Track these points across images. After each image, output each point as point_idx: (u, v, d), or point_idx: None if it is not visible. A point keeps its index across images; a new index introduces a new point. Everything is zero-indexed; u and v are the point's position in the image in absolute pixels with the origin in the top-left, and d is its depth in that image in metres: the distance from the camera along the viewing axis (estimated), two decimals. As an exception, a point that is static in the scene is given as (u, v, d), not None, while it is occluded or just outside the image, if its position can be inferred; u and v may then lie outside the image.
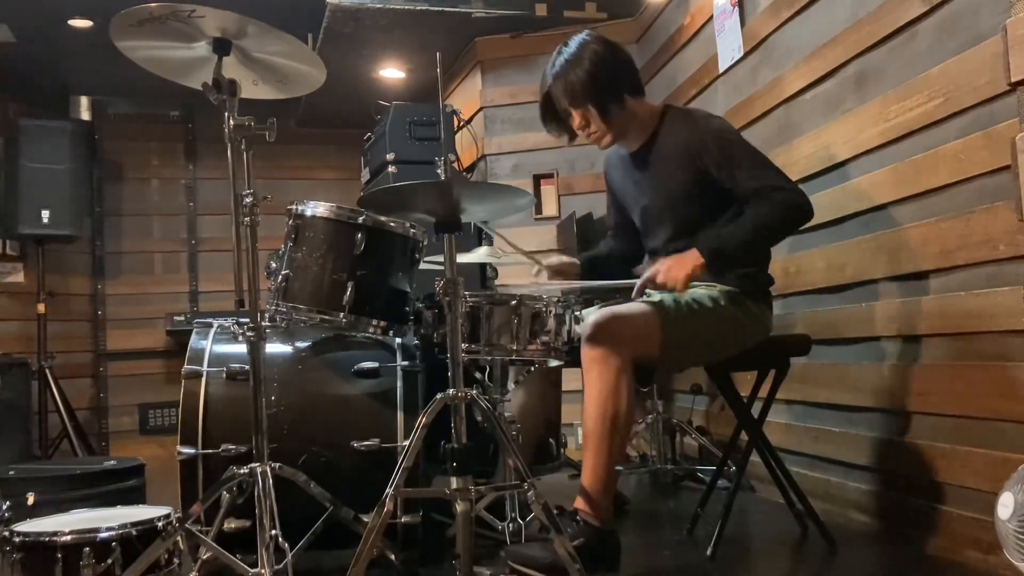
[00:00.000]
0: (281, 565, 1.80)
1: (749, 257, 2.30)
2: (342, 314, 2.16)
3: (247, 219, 1.92)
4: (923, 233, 2.27)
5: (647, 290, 2.39)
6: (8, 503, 1.99)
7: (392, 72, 4.91)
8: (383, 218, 2.21)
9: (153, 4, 1.84)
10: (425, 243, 2.33)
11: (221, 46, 1.96)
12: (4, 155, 4.69)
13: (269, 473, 1.85)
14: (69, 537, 1.81)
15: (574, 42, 2.34)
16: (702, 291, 2.26)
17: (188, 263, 5.80)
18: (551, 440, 2.74)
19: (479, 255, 2.60)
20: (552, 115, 2.41)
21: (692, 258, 2.15)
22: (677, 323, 2.18)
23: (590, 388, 2.10)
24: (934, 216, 2.23)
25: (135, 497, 2.66)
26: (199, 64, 2.01)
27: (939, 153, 2.19)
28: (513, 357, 2.17)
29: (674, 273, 2.13)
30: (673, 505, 3.11)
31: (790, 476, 2.42)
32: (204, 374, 2.19)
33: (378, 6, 3.99)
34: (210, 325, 2.32)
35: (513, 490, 2.11)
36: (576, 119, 2.35)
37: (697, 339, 2.22)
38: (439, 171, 2.27)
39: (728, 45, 3.33)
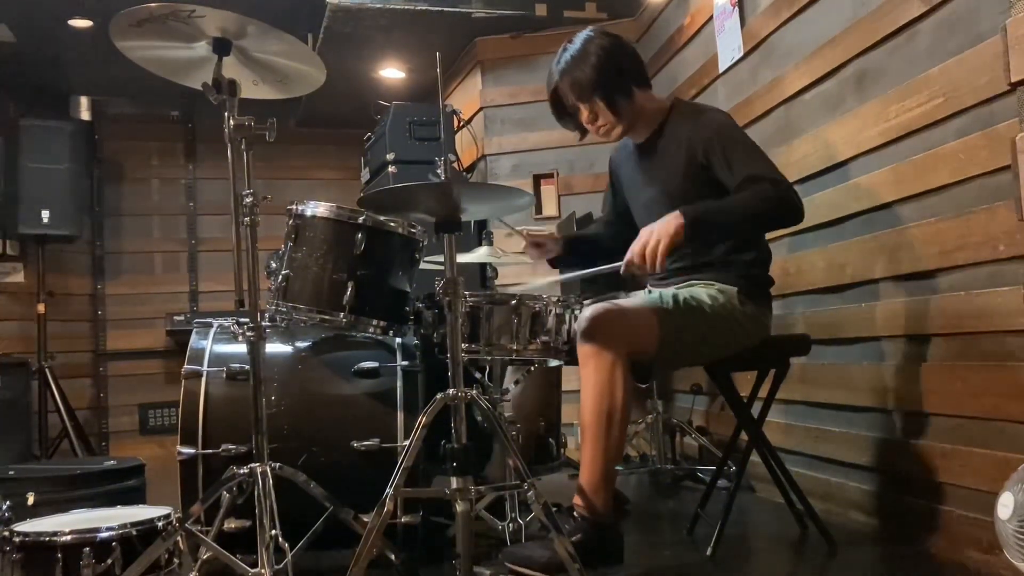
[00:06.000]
0: (281, 565, 1.80)
1: (729, 235, 2.27)
2: (342, 314, 2.16)
3: (247, 219, 1.93)
4: (923, 233, 2.27)
5: (648, 288, 2.38)
6: (8, 503, 1.98)
7: (392, 72, 4.91)
8: (383, 218, 2.21)
9: (153, 4, 1.84)
10: (425, 243, 2.33)
11: (221, 46, 1.96)
12: (4, 155, 4.68)
13: (269, 473, 1.86)
14: (69, 537, 1.81)
15: (579, 38, 2.34)
16: (700, 289, 2.26)
17: (188, 263, 5.80)
18: (551, 440, 2.74)
19: (479, 255, 2.61)
20: (562, 111, 2.41)
21: (673, 218, 2.08)
22: (675, 320, 2.17)
23: (585, 383, 2.10)
24: (934, 216, 2.23)
25: (135, 497, 2.65)
26: (199, 64, 2.02)
27: (939, 153, 2.19)
28: (513, 357, 2.17)
29: (654, 242, 2.06)
30: (673, 505, 3.11)
31: (790, 476, 2.41)
32: (204, 374, 2.19)
33: (378, 6, 3.98)
34: (210, 325, 2.32)
35: (513, 490, 2.11)
36: (584, 113, 2.35)
37: (695, 337, 2.21)
38: (439, 171, 2.27)
39: (728, 45, 3.33)
